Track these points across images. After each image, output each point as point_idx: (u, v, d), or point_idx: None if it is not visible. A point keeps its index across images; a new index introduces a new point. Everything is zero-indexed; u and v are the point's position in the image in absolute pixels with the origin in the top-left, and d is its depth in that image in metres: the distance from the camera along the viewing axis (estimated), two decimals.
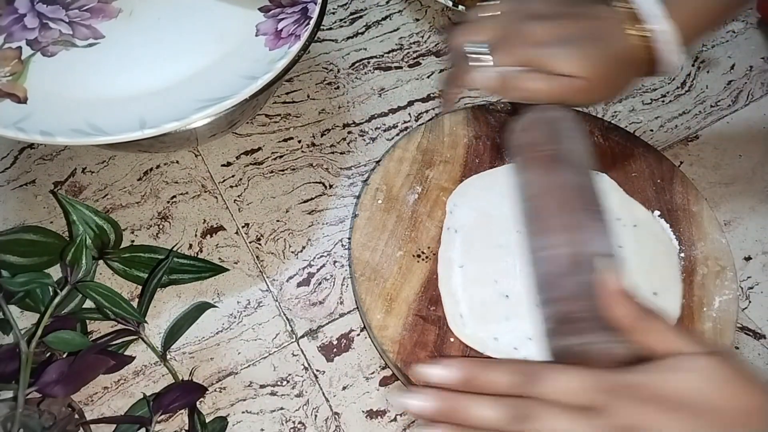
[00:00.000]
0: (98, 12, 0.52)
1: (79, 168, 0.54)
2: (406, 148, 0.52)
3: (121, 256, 0.47)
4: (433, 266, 0.47)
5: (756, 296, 0.50)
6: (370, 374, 0.46)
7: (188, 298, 0.48)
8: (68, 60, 0.50)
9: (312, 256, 0.50)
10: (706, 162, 0.57)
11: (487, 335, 0.44)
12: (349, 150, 0.56)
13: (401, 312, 0.45)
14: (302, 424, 0.44)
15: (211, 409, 0.44)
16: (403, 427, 0.44)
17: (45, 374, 0.40)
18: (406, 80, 0.60)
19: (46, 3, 0.52)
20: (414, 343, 0.43)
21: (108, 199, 0.53)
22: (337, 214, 0.52)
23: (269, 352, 0.47)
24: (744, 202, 0.53)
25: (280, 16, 0.51)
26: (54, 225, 0.51)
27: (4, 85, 0.47)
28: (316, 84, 0.59)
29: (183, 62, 0.49)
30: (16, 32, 0.51)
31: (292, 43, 0.48)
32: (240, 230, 0.52)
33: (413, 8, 0.65)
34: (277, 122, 0.57)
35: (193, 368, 0.46)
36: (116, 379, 0.45)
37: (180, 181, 0.54)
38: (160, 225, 0.52)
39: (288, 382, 0.45)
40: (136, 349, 0.46)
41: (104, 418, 0.43)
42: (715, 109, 0.60)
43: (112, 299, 0.43)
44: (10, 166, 0.54)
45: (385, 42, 0.63)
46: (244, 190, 0.53)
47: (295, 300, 0.49)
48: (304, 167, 0.55)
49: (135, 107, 0.46)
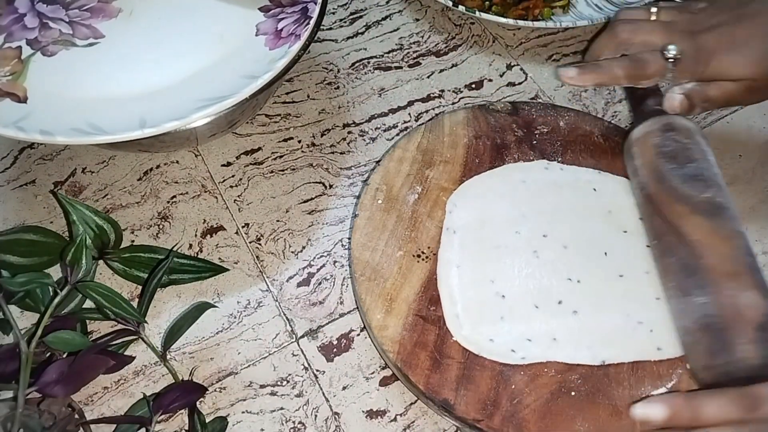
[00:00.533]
0: (98, 12, 0.52)
1: (79, 168, 0.54)
2: (406, 148, 0.52)
3: (121, 256, 0.47)
4: (433, 266, 0.47)
5: None
6: (370, 374, 0.46)
7: (188, 298, 0.48)
8: (68, 60, 0.50)
9: (312, 256, 0.50)
10: None
11: (482, 337, 0.44)
12: (349, 150, 0.56)
13: (401, 312, 0.45)
14: (302, 424, 0.44)
15: (211, 409, 0.44)
16: (403, 427, 0.44)
17: (45, 374, 0.39)
18: (406, 80, 0.60)
19: (46, 3, 0.52)
20: (414, 343, 0.43)
21: (108, 199, 0.53)
22: (337, 214, 0.52)
23: (269, 352, 0.47)
24: (744, 202, 0.53)
25: (280, 15, 0.51)
26: (54, 225, 0.51)
27: (3, 85, 0.47)
28: (316, 84, 0.59)
29: (183, 62, 0.49)
30: (16, 32, 0.51)
31: (292, 43, 0.48)
32: (240, 230, 0.52)
33: (413, 8, 0.65)
34: (277, 122, 0.57)
35: (193, 368, 0.46)
36: (116, 379, 0.45)
37: (180, 181, 0.54)
38: (160, 225, 0.52)
39: (288, 382, 0.45)
40: (136, 349, 0.46)
41: (104, 418, 0.43)
42: (715, 109, 0.60)
43: (112, 299, 0.43)
44: (10, 166, 0.54)
45: (385, 42, 0.62)
46: (244, 190, 0.53)
47: (295, 300, 0.49)
48: (304, 167, 0.55)
49: (135, 107, 0.46)
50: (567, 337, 0.43)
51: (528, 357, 0.43)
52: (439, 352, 0.43)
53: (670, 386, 0.42)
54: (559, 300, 0.45)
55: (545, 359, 0.43)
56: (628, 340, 0.43)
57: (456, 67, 0.61)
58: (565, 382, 0.42)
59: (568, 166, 0.51)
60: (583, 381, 0.42)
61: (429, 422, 0.44)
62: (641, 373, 0.43)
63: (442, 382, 0.42)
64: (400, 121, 0.58)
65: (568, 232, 0.48)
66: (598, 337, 0.43)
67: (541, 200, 0.49)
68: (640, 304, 0.45)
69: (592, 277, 0.46)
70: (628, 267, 0.46)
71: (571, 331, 0.44)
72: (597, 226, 0.48)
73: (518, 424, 0.41)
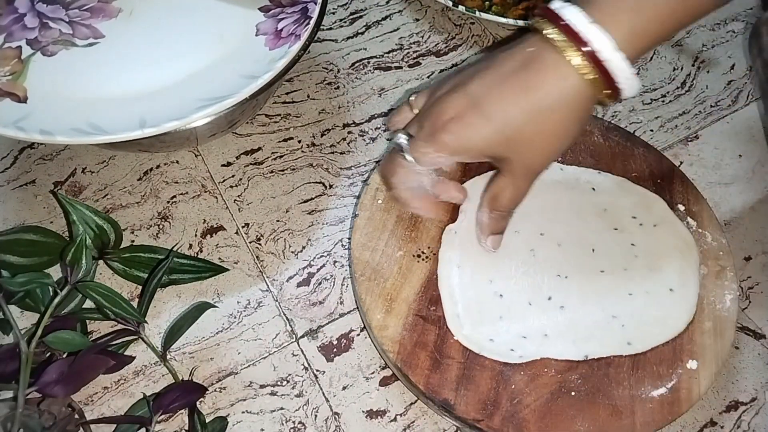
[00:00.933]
0: (98, 12, 0.52)
1: (79, 168, 0.54)
2: None
3: (121, 256, 0.47)
4: (433, 266, 0.47)
5: (756, 296, 0.50)
6: (370, 374, 0.46)
7: (188, 298, 0.48)
8: (68, 59, 0.50)
9: (312, 256, 0.50)
10: (706, 162, 0.57)
11: (482, 336, 0.44)
12: (349, 150, 0.56)
13: (401, 312, 0.45)
14: (302, 424, 0.44)
15: (211, 409, 0.44)
16: (403, 427, 0.44)
17: (45, 374, 0.39)
18: (406, 80, 0.60)
19: (46, 3, 0.52)
20: (414, 343, 0.43)
21: (108, 199, 0.53)
22: (337, 214, 0.52)
23: (269, 352, 0.47)
24: (744, 202, 0.53)
25: (280, 15, 0.51)
26: (54, 225, 0.51)
27: (4, 85, 0.47)
28: (316, 84, 0.59)
29: (183, 62, 0.49)
30: (16, 32, 0.51)
31: (292, 43, 0.48)
32: (240, 230, 0.52)
33: (413, 8, 0.65)
34: (277, 122, 0.57)
35: (193, 368, 0.46)
36: (116, 379, 0.45)
37: (180, 181, 0.54)
38: (160, 225, 0.52)
39: (288, 382, 0.45)
40: (136, 349, 0.46)
41: (104, 418, 0.43)
42: (715, 109, 0.60)
43: (112, 299, 0.43)
44: (10, 166, 0.54)
45: (385, 42, 0.63)
46: (244, 190, 0.53)
47: (295, 300, 0.49)
48: (304, 167, 0.55)
49: (135, 107, 0.46)
50: (556, 333, 0.44)
51: (525, 355, 0.43)
52: (439, 352, 0.43)
53: (670, 386, 0.42)
54: (549, 296, 0.45)
55: (539, 356, 0.43)
56: (604, 335, 0.44)
57: (456, 67, 0.61)
58: (565, 382, 0.42)
59: (567, 166, 0.51)
60: (583, 381, 0.42)
61: (429, 422, 0.44)
62: (641, 373, 0.43)
63: (442, 382, 0.42)
64: None
65: (563, 230, 0.48)
66: (581, 332, 0.44)
67: (541, 200, 0.49)
68: (615, 299, 0.45)
69: (577, 272, 0.46)
70: (609, 263, 0.47)
71: (559, 327, 0.44)
72: (590, 224, 0.49)
73: (518, 424, 0.41)
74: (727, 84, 0.61)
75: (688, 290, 0.46)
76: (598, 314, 0.45)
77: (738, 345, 0.48)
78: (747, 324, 0.49)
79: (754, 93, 0.61)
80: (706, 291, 0.46)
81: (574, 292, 0.46)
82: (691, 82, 0.61)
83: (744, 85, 0.61)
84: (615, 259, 0.47)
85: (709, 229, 0.49)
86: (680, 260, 0.47)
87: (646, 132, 0.58)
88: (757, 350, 0.48)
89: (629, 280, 0.46)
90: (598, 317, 0.45)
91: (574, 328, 0.44)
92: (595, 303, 0.45)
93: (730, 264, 0.47)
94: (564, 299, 0.45)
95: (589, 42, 0.37)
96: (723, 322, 0.45)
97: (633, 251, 0.47)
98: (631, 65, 0.37)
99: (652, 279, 0.46)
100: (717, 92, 0.61)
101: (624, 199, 0.50)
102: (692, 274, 0.46)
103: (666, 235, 0.48)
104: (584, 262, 0.47)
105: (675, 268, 0.47)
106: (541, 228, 0.48)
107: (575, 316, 0.45)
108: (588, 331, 0.44)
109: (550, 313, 0.45)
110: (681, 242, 0.48)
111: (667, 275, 0.46)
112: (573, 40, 0.37)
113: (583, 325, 0.44)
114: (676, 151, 0.57)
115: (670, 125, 0.59)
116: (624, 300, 0.45)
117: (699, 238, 0.48)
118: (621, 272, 0.47)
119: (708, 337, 0.44)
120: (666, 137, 0.58)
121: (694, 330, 0.44)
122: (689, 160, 0.57)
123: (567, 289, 0.46)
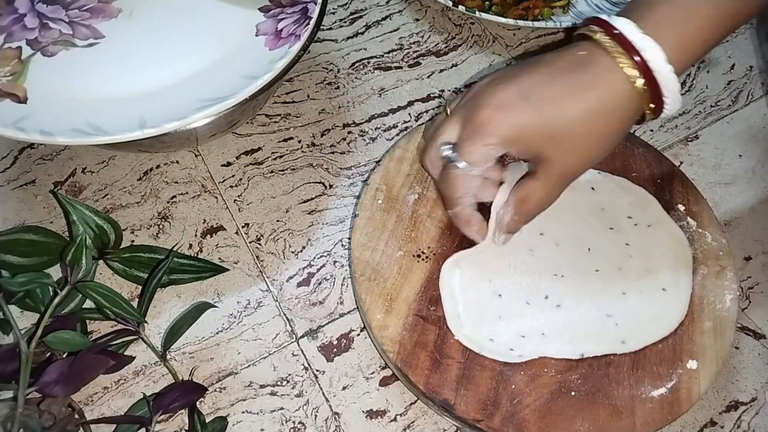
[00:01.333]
0: (98, 12, 0.52)
1: (79, 168, 0.54)
2: (406, 148, 0.52)
3: (121, 256, 0.47)
4: (433, 266, 0.47)
5: (756, 296, 0.50)
6: (370, 374, 0.46)
7: (188, 298, 0.48)
8: (68, 60, 0.50)
9: (312, 256, 0.50)
10: (706, 162, 0.57)
11: (483, 336, 0.44)
12: (349, 150, 0.56)
13: (401, 312, 0.45)
14: (302, 424, 0.44)
15: (211, 409, 0.44)
16: (403, 427, 0.44)
17: (45, 374, 0.40)
18: (406, 80, 0.60)
19: (46, 3, 0.52)
20: (414, 343, 0.43)
21: (108, 199, 0.53)
22: (337, 214, 0.52)
23: (269, 352, 0.47)
24: (744, 202, 0.53)
25: (280, 16, 0.51)
26: (54, 225, 0.51)
27: (4, 85, 0.47)
28: (316, 84, 0.59)
29: (183, 62, 0.49)
30: (16, 32, 0.51)
31: (292, 43, 0.48)
32: (240, 230, 0.52)
33: (413, 8, 0.65)
34: (277, 122, 0.57)
35: (193, 368, 0.46)
36: (116, 379, 0.45)
37: (180, 181, 0.54)
38: (160, 225, 0.52)
39: (288, 382, 0.45)
40: (136, 349, 0.46)
41: (104, 418, 0.43)
42: (715, 109, 0.60)
43: (112, 299, 0.43)
44: (10, 166, 0.54)
45: (385, 42, 0.63)
46: (244, 190, 0.53)
47: (295, 300, 0.49)
48: (304, 167, 0.55)
49: (135, 107, 0.46)
50: (553, 332, 0.44)
51: (524, 354, 0.43)
52: (439, 352, 0.43)
53: (670, 386, 0.42)
54: (546, 295, 0.46)
55: (537, 355, 0.43)
56: (600, 333, 0.44)
57: (456, 67, 0.61)
58: (565, 381, 0.42)
59: None
60: (583, 381, 0.42)
61: (429, 422, 0.44)
62: (641, 373, 0.43)
63: (442, 382, 0.42)
64: (400, 121, 0.58)
65: (562, 229, 0.48)
66: (577, 331, 0.44)
67: None
68: (609, 297, 0.46)
69: (573, 271, 0.47)
70: (604, 262, 0.47)
71: (556, 326, 0.44)
72: (588, 224, 0.49)
73: (518, 424, 0.41)
74: (727, 84, 0.61)
75: (681, 290, 0.46)
76: (593, 313, 0.45)
77: (738, 345, 0.48)
78: (747, 324, 0.49)
79: (754, 93, 0.61)
80: (706, 291, 0.46)
81: (570, 292, 0.46)
82: (691, 82, 0.61)
83: (744, 85, 0.61)
84: (610, 258, 0.47)
85: (709, 229, 0.49)
86: (674, 260, 0.47)
87: (646, 132, 0.58)
88: (757, 350, 0.48)
89: (623, 279, 0.46)
90: (593, 316, 0.45)
91: (570, 327, 0.44)
92: (590, 302, 0.45)
93: (730, 264, 0.47)
94: (560, 298, 0.45)
95: (642, 51, 0.37)
96: (723, 322, 0.45)
97: (628, 251, 0.47)
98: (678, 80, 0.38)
99: (646, 279, 0.46)
100: (717, 92, 0.61)
101: (621, 199, 0.50)
102: (685, 275, 0.47)
103: (660, 235, 0.48)
104: (580, 261, 0.47)
105: (668, 269, 0.47)
106: (541, 228, 0.48)
107: (571, 315, 0.45)
108: (583, 329, 0.44)
109: (547, 312, 0.45)
110: (675, 243, 0.48)
111: (660, 275, 0.46)
112: (626, 48, 0.37)
113: (579, 324, 0.45)
114: (676, 151, 0.57)
115: (670, 125, 0.59)
116: (618, 299, 0.46)
117: (699, 238, 0.48)
118: (615, 272, 0.47)
119: (708, 337, 0.44)
120: (666, 137, 0.58)
121: (694, 330, 0.44)
122: (689, 160, 0.57)
123: (563, 288, 0.46)
